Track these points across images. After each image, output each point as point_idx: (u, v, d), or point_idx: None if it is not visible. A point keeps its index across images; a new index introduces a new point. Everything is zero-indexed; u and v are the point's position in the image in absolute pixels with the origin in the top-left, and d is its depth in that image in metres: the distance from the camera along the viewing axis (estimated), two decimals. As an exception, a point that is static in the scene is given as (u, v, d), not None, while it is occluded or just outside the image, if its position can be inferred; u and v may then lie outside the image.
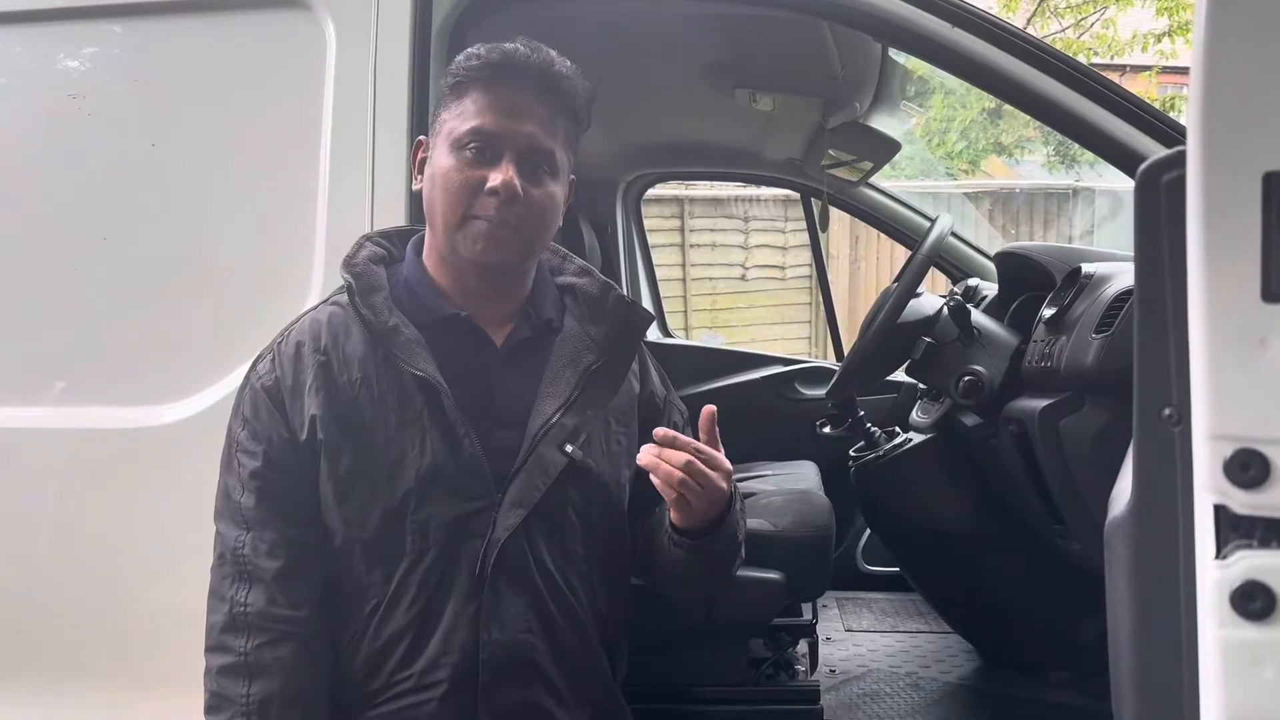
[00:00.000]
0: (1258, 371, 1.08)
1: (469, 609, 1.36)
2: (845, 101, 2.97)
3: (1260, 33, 1.08)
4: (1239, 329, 1.07)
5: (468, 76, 1.41)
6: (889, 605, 3.29)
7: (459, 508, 1.37)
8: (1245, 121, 1.08)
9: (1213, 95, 1.09)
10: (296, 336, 1.43)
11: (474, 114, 1.39)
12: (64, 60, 1.94)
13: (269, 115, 1.85)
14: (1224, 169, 1.07)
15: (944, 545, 2.75)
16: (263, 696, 1.34)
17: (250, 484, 1.39)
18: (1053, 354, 2.14)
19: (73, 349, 1.87)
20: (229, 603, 1.37)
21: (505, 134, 1.39)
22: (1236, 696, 1.09)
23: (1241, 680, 1.09)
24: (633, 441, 1.50)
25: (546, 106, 1.42)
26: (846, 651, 2.90)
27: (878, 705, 2.53)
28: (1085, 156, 12.99)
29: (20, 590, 1.86)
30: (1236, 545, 1.09)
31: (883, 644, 2.97)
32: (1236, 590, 1.08)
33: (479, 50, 1.43)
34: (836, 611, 3.22)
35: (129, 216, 1.88)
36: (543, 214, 1.42)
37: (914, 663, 2.82)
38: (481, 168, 1.38)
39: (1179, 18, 9.02)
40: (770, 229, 9.05)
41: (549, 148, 1.42)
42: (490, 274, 1.44)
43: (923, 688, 2.66)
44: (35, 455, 1.86)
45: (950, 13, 1.76)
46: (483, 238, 1.39)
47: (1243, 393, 1.08)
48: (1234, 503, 1.08)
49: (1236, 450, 1.08)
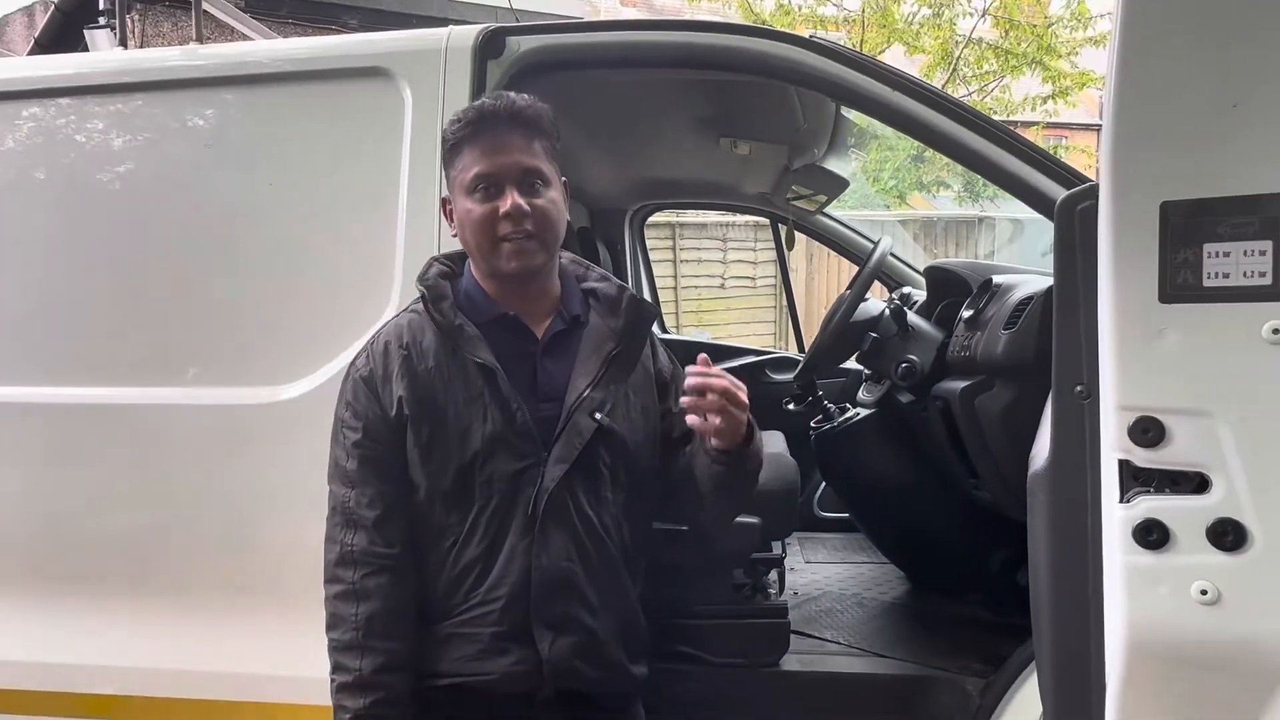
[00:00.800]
0: (1156, 356, 1.08)
1: (523, 542, 1.37)
2: (806, 148, 2.97)
3: (1156, 93, 1.08)
4: (1142, 323, 1.08)
5: (458, 137, 1.41)
6: (839, 542, 3.27)
7: (514, 464, 1.37)
8: (1145, 163, 1.08)
9: (1119, 142, 1.09)
10: (385, 337, 1.44)
11: (472, 163, 1.39)
12: (196, 119, 1.94)
13: (360, 161, 1.85)
14: (1129, 200, 1.08)
15: (883, 495, 2.76)
16: (367, 615, 1.35)
17: (354, 452, 1.39)
18: (970, 346, 2.15)
19: (213, 342, 1.88)
20: (339, 544, 1.38)
21: (499, 169, 1.38)
22: (1137, 609, 1.10)
23: (1141, 597, 1.10)
24: (648, 408, 1.50)
25: (520, 135, 1.40)
26: (807, 578, 2.90)
27: (831, 618, 2.54)
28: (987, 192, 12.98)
29: (171, 530, 1.87)
30: (1138, 492, 1.10)
31: (834, 572, 2.97)
32: (1138, 526, 1.09)
33: (459, 115, 1.43)
34: (799, 547, 3.21)
35: (254, 240, 1.89)
36: (549, 216, 1.41)
37: (859, 586, 2.82)
38: (491, 200, 1.38)
39: (1060, 84, 9.03)
40: (744, 248, 9.03)
41: (535, 165, 1.40)
42: (526, 278, 1.43)
43: (865, 605, 2.66)
44: (182, 425, 1.86)
45: (889, 79, 1.77)
46: (513, 254, 1.38)
47: (1144, 373, 1.09)
48: (1136, 458, 1.09)
49: (1139, 418, 1.08)
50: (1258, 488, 1.07)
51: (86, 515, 1.88)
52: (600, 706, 1.45)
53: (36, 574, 1.91)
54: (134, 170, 1.94)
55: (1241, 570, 1.08)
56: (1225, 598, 1.08)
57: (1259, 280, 1.05)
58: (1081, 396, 1.19)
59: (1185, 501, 1.08)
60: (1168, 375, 1.08)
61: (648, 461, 1.49)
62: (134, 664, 1.87)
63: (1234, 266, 1.06)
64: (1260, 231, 1.05)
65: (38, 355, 1.92)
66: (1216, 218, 1.06)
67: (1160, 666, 1.11)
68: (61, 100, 1.98)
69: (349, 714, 1.34)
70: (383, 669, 1.34)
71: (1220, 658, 1.09)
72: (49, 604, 1.90)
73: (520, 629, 1.37)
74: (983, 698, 1.86)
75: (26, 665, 1.91)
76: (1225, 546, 1.08)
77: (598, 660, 1.40)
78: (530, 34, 1.85)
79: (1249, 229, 1.05)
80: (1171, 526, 1.09)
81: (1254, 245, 1.05)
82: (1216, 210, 1.06)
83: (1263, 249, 1.05)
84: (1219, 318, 1.07)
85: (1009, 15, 8.81)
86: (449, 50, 1.82)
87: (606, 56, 1.90)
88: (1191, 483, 1.09)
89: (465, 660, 1.37)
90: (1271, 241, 1.05)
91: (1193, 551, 1.08)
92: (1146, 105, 1.08)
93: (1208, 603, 1.08)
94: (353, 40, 1.95)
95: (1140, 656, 1.10)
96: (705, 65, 1.89)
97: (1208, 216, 1.06)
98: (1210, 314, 1.07)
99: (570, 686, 1.39)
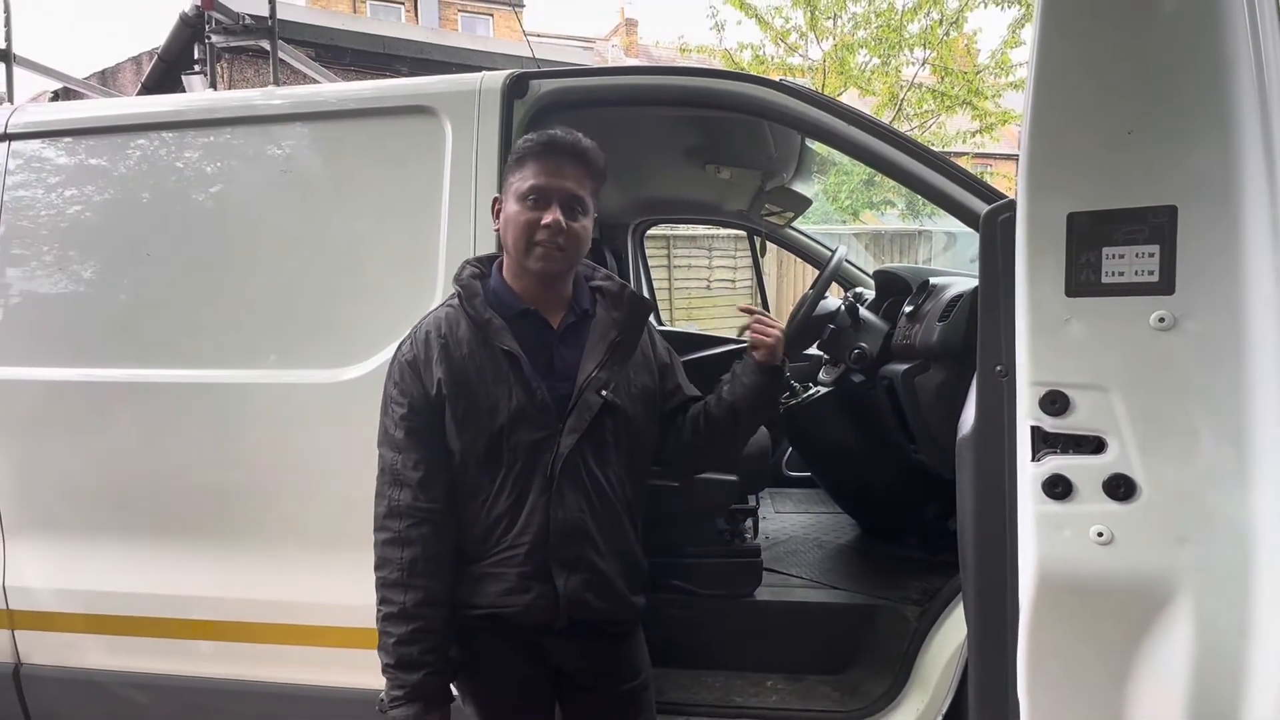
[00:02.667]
0: (1063, 341, 1.08)
1: (543, 498, 1.36)
2: (776, 173, 2.95)
3: (1063, 124, 1.07)
4: (1051, 314, 1.07)
5: (526, 152, 1.39)
6: (803, 496, 3.28)
7: (535, 434, 1.36)
8: (1055, 181, 1.07)
9: (1033, 164, 1.08)
10: (426, 328, 1.41)
11: (531, 176, 1.37)
12: (274, 148, 1.92)
13: (409, 183, 1.83)
14: (1042, 212, 1.07)
15: (839, 458, 2.77)
16: (411, 558, 1.34)
17: (400, 423, 1.37)
18: (911, 335, 2.14)
19: (288, 334, 1.86)
20: (388, 499, 1.37)
21: (552, 188, 1.36)
22: (1045, 549, 1.10)
23: (1048, 539, 1.10)
24: (646, 387, 1.48)
25: (577, 169, 1.39)
26: (776, 525, 2.91)
27: (795, 558, 2.54)
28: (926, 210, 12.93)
29: (254, 485, 1.86)
30: (1046, 453, 1.09)
31: (798, 521, 2.98)
32: (1046, 480, 1.09)
33: (531, 135, 1.41)
34: (770, 500, 3.22)
35: (321, 249, 1.87)
36: (579, 239, 1.40)
37: (818, 532, 2.82)
38: (538, 210, 1.36)
39: (986, 121, 8.99)
40: (726, 256, 8.98)
41: (581, 195, 1.39)
42: (548, 280, 1.42)
43: (824, 547, 2.67)
44: (265, 399, 1.85)
45: (844, 115, 1.76)
46: (543, 257, 1.37)
47: (1053, 354, 1.08)
48: (1045, 425, 1.09)
49: (1048, 391, 1.08)
50: (1145, 449, 1.07)
51: (190, 473, 1.88)
52: (606, 635, 1.44)
53: (147, 523, 1.91)
54: (223, 191, 1.92)
55: (1131, 516, 1.08)
56: (1117, 539, 1.08)
57: (1148, 278, 1.05)
58: (1001, 375, 1.19)
59: (1085, 460, 1.08)
60: (1072, 356, 1.07)
61: (645, 431, 1.48)
62: (224, 595, 1.88)
63: (1128, 266, 1.06)
64: (1150, 237, 1.05)
65: (155, 345, 1.91)
66: (1113, 226, 1.06)
67: (1063, 596, 1.11)
68: (164, 133, 1.97)
69: (392, 638, 1.34)
70: (422, 603, 1.34)
71: (1112, 588, 1.09)
72: (158, 546, 1.90)
73: (541, 569, 1.36)
74: (919, 622, 1.87)
75: (144, 596, 1.92)
76: (1118, 497, 1.07)
77: (604, 593, 1.40)
78: (549, 78, 1.84)
79: (1140, 235, 1.05)
80: (1074, 481, 1.08)
81: (1144, 249, 1.05)
82: (1113, 220, 1.05)
83: (1151, 252, 1.05)
84: (1115, 309, 1.07)
85: (944, 64, 8.76)
86: (482, 91, 1.80)
87: (613, 96, 1.88)
88: (1091, 444, 1.08)
89: (497, 594, 1.37)
90: (1159, 246, 1.04)
91: (1091, 501, 1.08)
92: (1056, 134, 1.07)
93: (1103, 543, 1.08)
94: (403, 83, 1.93)
95: (1047, 588, 1.10)
96: (695, 104, 1.87)
97: (1106, 225, 1.06)
98: (1107, 306, 1.07)
99: (581, 617, 1.38)
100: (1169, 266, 1.04)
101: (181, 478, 1.88)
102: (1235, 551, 1.04)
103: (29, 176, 2.00)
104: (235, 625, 1.88)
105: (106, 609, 1.93)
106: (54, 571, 1.95)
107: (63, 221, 1.96)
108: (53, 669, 1.99)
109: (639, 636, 1.52)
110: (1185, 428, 1.05)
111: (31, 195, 1.99)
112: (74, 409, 1.92)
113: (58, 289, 1.96)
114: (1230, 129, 1.00)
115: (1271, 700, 1.02)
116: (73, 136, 2.00)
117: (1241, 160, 1.00)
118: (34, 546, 1.95)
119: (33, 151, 2.00)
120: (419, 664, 1.33)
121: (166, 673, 1.93)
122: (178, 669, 1.92)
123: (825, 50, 8.73)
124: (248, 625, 1.87)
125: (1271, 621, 1.02)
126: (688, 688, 2.03)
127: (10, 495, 1.94)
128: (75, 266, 1.96)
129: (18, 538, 1.95)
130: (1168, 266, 1.04)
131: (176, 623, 1.91)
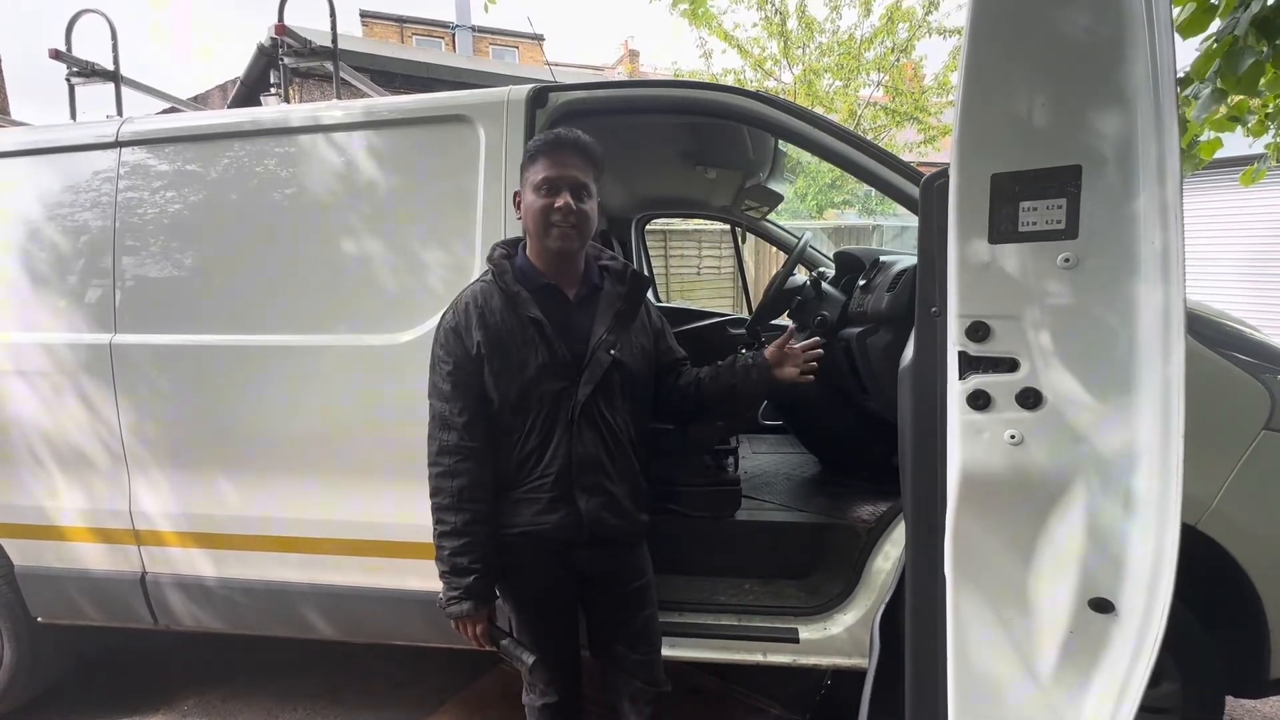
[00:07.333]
0: (985, 280, 1.07)
1: (566, 437, 1.36)
2: (755, 173, 2.91)
3: (987, 100, 1.06)
4: (976, 258, 1.07)
5: (536, 150, 1.38)
6: (776, 440, 3.30)
7: (557, 385, 1.36)
8: (981, 149, 1.06)
9: (964, 136, 1.06)
10: (465, 299, 1.41)
11: (542, 170, 1.36)
12: (334, 155, 1.89)
13: (450, 179, 1.81)
14: (970, 175, 1.06)
15: (805, 408, 2.77)
16: (459, 487, 1.35)
17: (447, 378, 1.37)
18: (864, 304, 2.13)
19: (354, 306, 1.85)
20: (438, 440, 1.37)
21: (561, 178, 1.35)
22: (968, 451, 1.10)
23: (971, 442, 1.10)
24: (645, 348, 1.48)
25: (580, 160, 1.37)
26: (753, 463, 2.93)
27: (769, 488, 2.56)
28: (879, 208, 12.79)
29: (328, 430, 1.87)
30: (970, 373, 1.10)
31: (772, 459, 3.00)
32: (969, 395, 1.09)
33: (540, 136, 1.40)
34: (748, 443, 3.24)
35: (379, 235, 1.85)
36: (587, 218, 1.38)
37: (787, 468, 2.84)
38: (551, 197, 1.35)
39: (929, 134, 8.85)
40: (712, 247, 8.90)
41: (585, 181, 1.37)
42: (565, 258, 1.41)
43: (792, 479, 2.68)
44: (337, 359, 1.85)
45: (813, 120, 1.73)
46: (560, 236, 1.36)
47: (977, 291, 1.08)
48: (970, 350, 1.09)
49: (972, 322, 1.08)
50: (1049, 366, 1.08)
51: (276, 419, 1.89)
52: (619, 543, 1.46)
53: (243, 460, 1.92)
54: (298, 189, 1.90)
55: (1037, 421, 1.09)
56: (1027, 441, 1.09)
57: (1056, 226, 1.05)
58: (935, 315, 1.18)
59: (1001, 378, 1.09)
60: (993, 292, 1.08)
61: (645, 382, 1.49)
62: (303, 516, 1.90)
63: (1040, 217, 1.06)
64: (1058, 192, 1.05)
65: (246, 315, 1.90)
66: (1029, 184, 1.05)
67: (983, 490, 1.11)
68: (248, 140, 1.94)
69: (447, 550, 1.36)
70: (470, 521, 1.35)
71: (1022, 482, 1.10)
72: (252, 478, 1.92)
73: (566, 494, 1.37)
74: (868, 537, 1.88)
75: (241, 518, 1.94)
76: (1027, 406, 1.08)
77: (617, 512, 1.41)
78: (566, 90, 1.81)
79: (1050, 190, 1.05)
80: (992, 394, 1.09)
81: (1053, 202, 1.05)
82: (1029, 179, 1.05)
83: (1059, 204, 1.05)
84: (1028, 252, 1.07)
85: (896, 85, 8.60)
86: (509, 102, 1.78)
87: (621, 105, 1.85)
88: (1006, 365, 1.09)
89: (531, 515, 1.38)
90: (1065, 199, 1.04)
91: (1006, 410, 1.09)
92: (981, 108, 1.06)
93: (1015, 444, 1.09)
94: (444, 96, 1.89)
95: (969, 484, 1.11)
96: (688, 111, 1.84)
97: (1022, 183, 1.06)
98: (1023, 250, 1.07)
99: (599, 533, 1.40)
100: (1073, 216, 1.04)
101: (270, 423, 1.89)
102: (1120, 447, 1.05)
103: (137, 181, 1.98)
104: (320, 541, 1.91)
105: (212, 529, 1.96)
106: (170, 499, 1.98)
107: (165, 218, 1.95)
108: (170, 576, 2.03)
109: (644, 546, 1.54)
110: (1083, 348, 1.06)
111: (138, 197, 1.97)
112: (184, 368, 1.92)
113: (166, 273, 1.95)
114: (1127, 102, 1.00)
115: (1148, 566, 1.03)
116: (174, 144, 1.98)
117: (1135, 128, 1.00)
118: (154, 480, 1.97)
119: (139, 159, 1.98)
120: (469, 570, 1.35)
121: (260, 579, 1.96)
122: (269, 576, 1.96)
123: (796, 75, 8.56)
124: (329, 541, 1.90)
125: (1147, 504, 1.03)
126: (681, 589, 2.06)
127: (135, 438, 1.96)
128: (178, 255, 1.95)
129: (141, 473, 1.98)
130: (1072, 216, 1.04)
131: (267, 539, 1.93)
